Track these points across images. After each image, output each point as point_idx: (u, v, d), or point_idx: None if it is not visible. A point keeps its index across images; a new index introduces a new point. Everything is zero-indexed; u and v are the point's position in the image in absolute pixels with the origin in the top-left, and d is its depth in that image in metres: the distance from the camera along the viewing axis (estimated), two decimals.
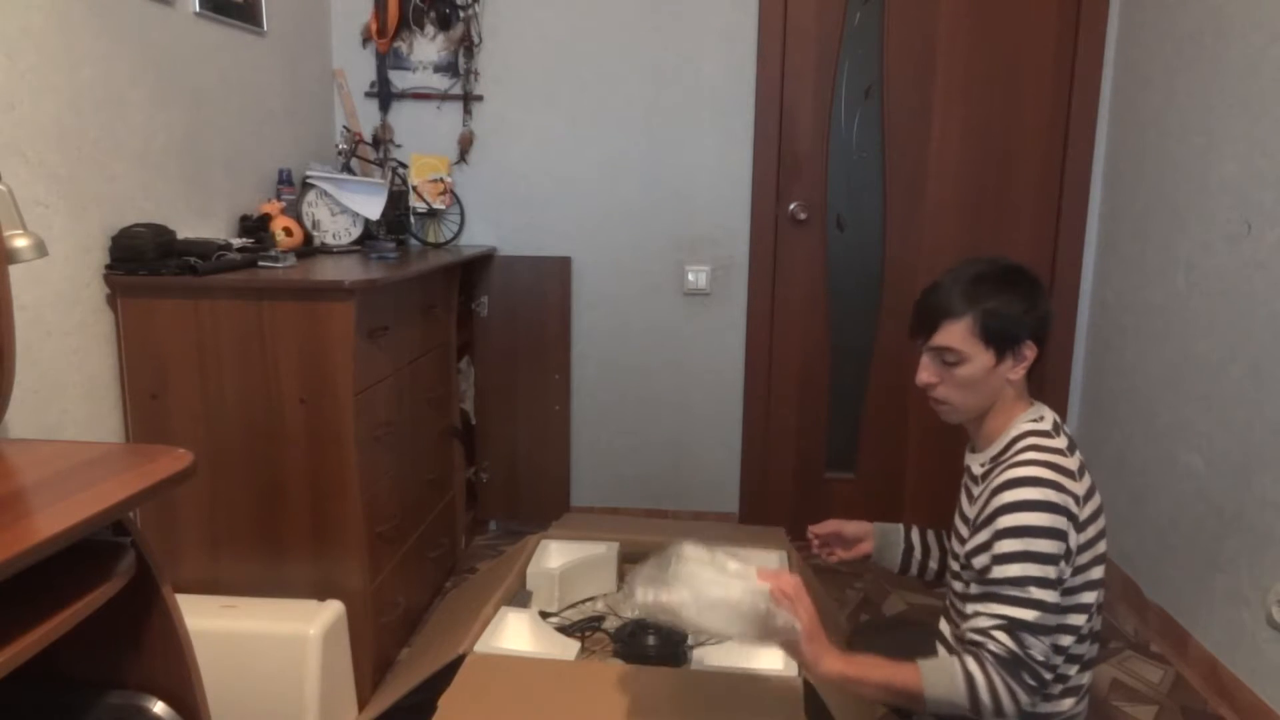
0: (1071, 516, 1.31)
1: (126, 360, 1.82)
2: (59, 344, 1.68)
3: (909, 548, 1.70)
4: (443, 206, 2.82)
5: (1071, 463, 1.36)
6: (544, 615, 2.01)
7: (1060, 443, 1.39)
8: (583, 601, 2.17)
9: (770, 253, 2.84)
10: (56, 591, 1.04)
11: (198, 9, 2.07)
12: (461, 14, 2.78)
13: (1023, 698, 1.25)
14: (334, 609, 1.83)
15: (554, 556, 2.22)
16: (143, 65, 1.89)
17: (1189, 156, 2.24)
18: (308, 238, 2.42)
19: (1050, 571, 1.28)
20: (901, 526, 1.73)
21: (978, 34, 2.70)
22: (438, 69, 2.83)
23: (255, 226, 2.22)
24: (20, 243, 1.32)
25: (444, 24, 2.80)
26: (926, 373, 1.46)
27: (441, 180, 2.81)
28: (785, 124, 2.78)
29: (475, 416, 2.94)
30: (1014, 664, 1.25)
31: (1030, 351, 1.41)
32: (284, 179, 2.45)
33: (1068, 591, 1.33)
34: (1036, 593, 1.27)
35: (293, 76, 2.57)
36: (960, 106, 2.74)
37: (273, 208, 2.33)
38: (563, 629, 1.96)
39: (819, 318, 2.88)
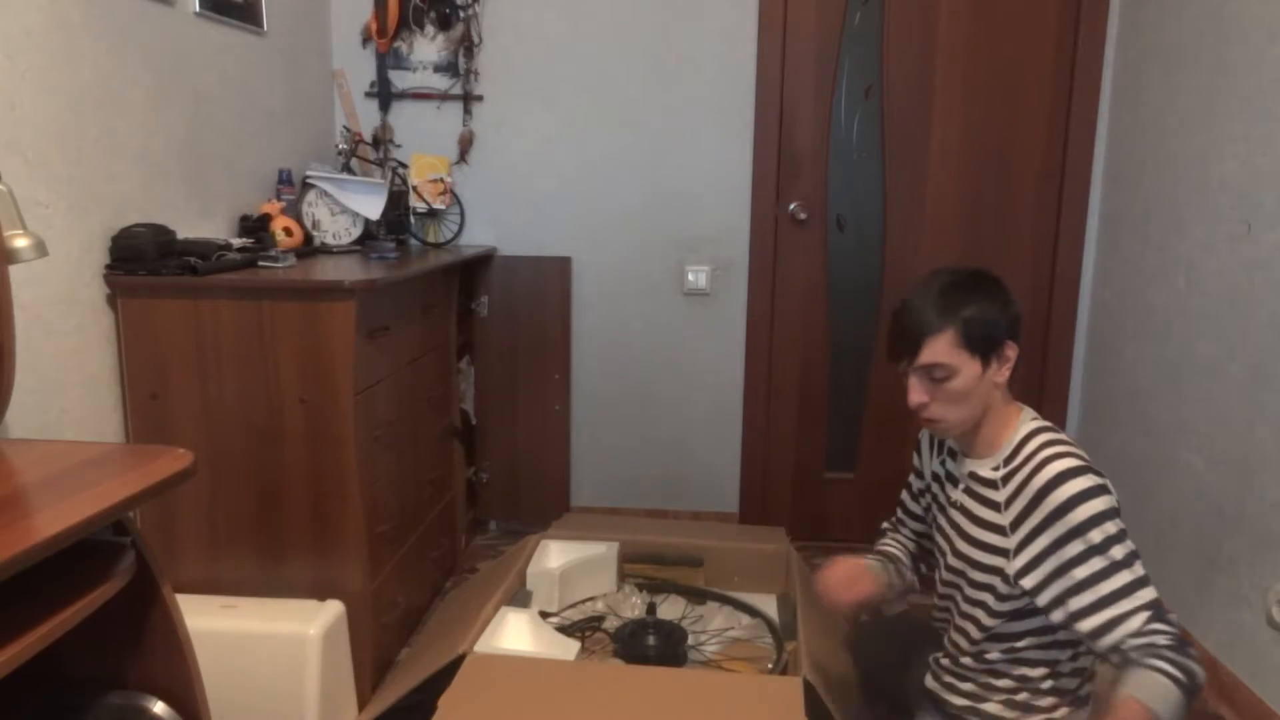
0: (1110, 487, 1.34)
1: (126, 360, 1.82)
2: (59, 344, 1.68)
3: (891, 586, 1.69)
4: (443, 206, 2.82)
5: (1081, 450, 1.39)
6: (544, 615, 2.01)
7: (1067, 440, 1.41)
8: (583, 601, 2.17)
9: (770, 253, 2.84)
10: (56, 591, 1.04)
11: (198, 9, 2.07)
12: (461, 14, 2.78)
13: (1200, 671, 1.24)
14: (334, 609, 1.83)
15: (554, 556, 2.22)
16: (143, 65, 1.89)
17: (1189, 156, 2.24)
18: (308, 238, 2.42)
19: (1133, 545, 1.30)
20: (887, 572, 1.68)
21: (978, 34, 2.70)
22: (438, 69, 2.83)
23: (255, 226, 2.22)
24: (20, 243, 1.33)
25: (444, 24, 2.80)
26: (916, 393, 1.44)
27: (441, 180, 2.81)
28: (785, 124, 2.78)
29: (475, 416, 2.94)
30: (1180, 645, 1.25)
31: (1012, 351, 1.42)
32: (284, 179, 2.45)
33: None
34: (1140, 568, 1.29)
35: (293, 76, 2.57)
36: (960, 106, 2.74)
37: (273, 208, 2.33)
38: (563, 629, 1.97)
39: (819, 318, 2.88)
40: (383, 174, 2.82)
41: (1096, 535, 1.29)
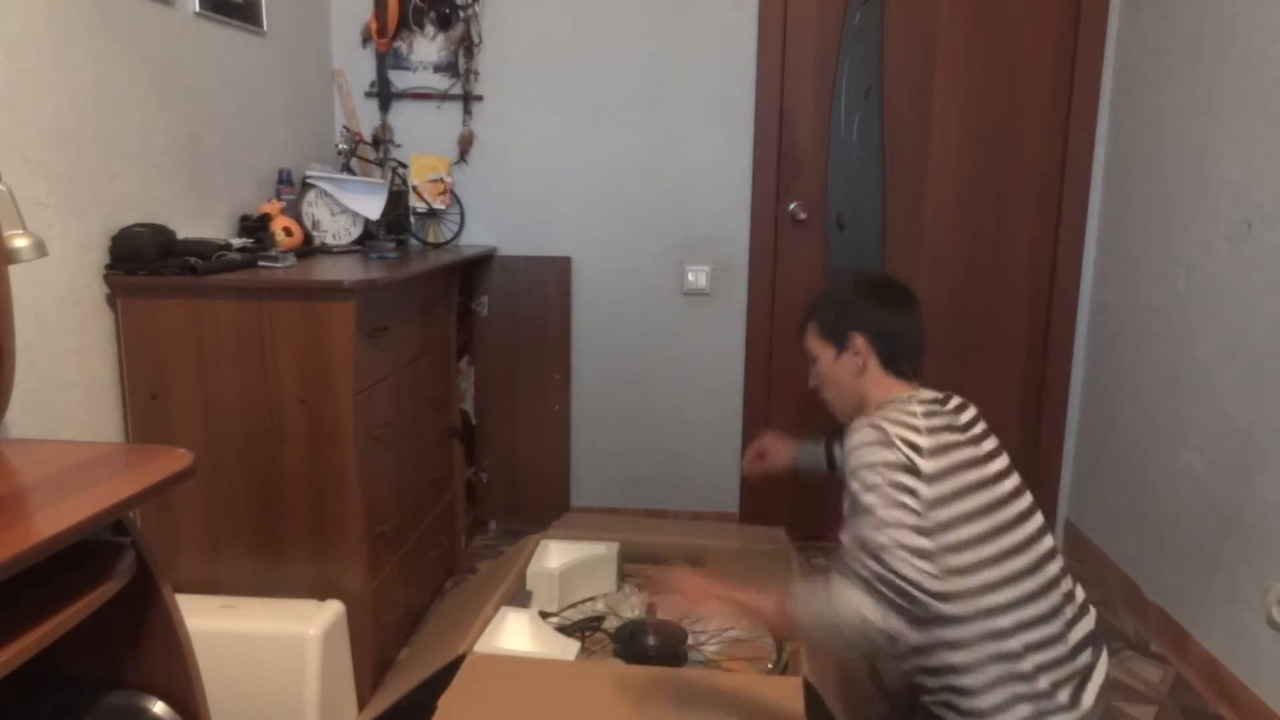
0: (900, 448, 1.35)
1: (126, 360, 1.82)
2: (59, 344, 1.68)
3: (833, 468, 1.91)
4: (443, 206, 2.82)
5: (915, 421, 1.40)
6: (544, 615, 2.01)
7: (905, 411, 1.41)
8: (583, 601, 2.17)
9: (770, 253, 2.84)
10: (56, 591, 1.04)
11: (198, 9, 2.07)
12: (461, 14, 2.78)
13: (849, 614, 1.26)
14: (334, 609, 1.83)
15: (554, 556, 2.22)
16: (143, 65, 1.89)
17: (1189, 156, 2.24)
18: (308, 238, 2.42)
19: (892, 493, 1.32)
20: (826, 452, 1.94)
21: (978, 34, 2.70)
22: (438, 69, 2.82)
23: (255, 226, 2.22)
24: (20, 243, 1.32)
25: (444, 24, 2.80)
26: (810, 376, 1.63)
27: (441, 180, 2.81)
28: (785, 124, 2.78)
29: (475, 416, 2.94)
30: (872, 581, 1.28)
31: (860, 343, 1.52)
32: (284, 179, 2.45)
33: (949, 550, 1.32)
34: (888, 513, 1.31)
35: (293, 76, 2.57)
36: (960, 106, 2.74)
37: (273, 208, 2.33)
38: (563, 629, 1.97)
39: None
40: (383, 174, 2.82)
41: (855, 482, 1.36)
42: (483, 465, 2.97)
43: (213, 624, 1.75)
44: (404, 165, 2.82)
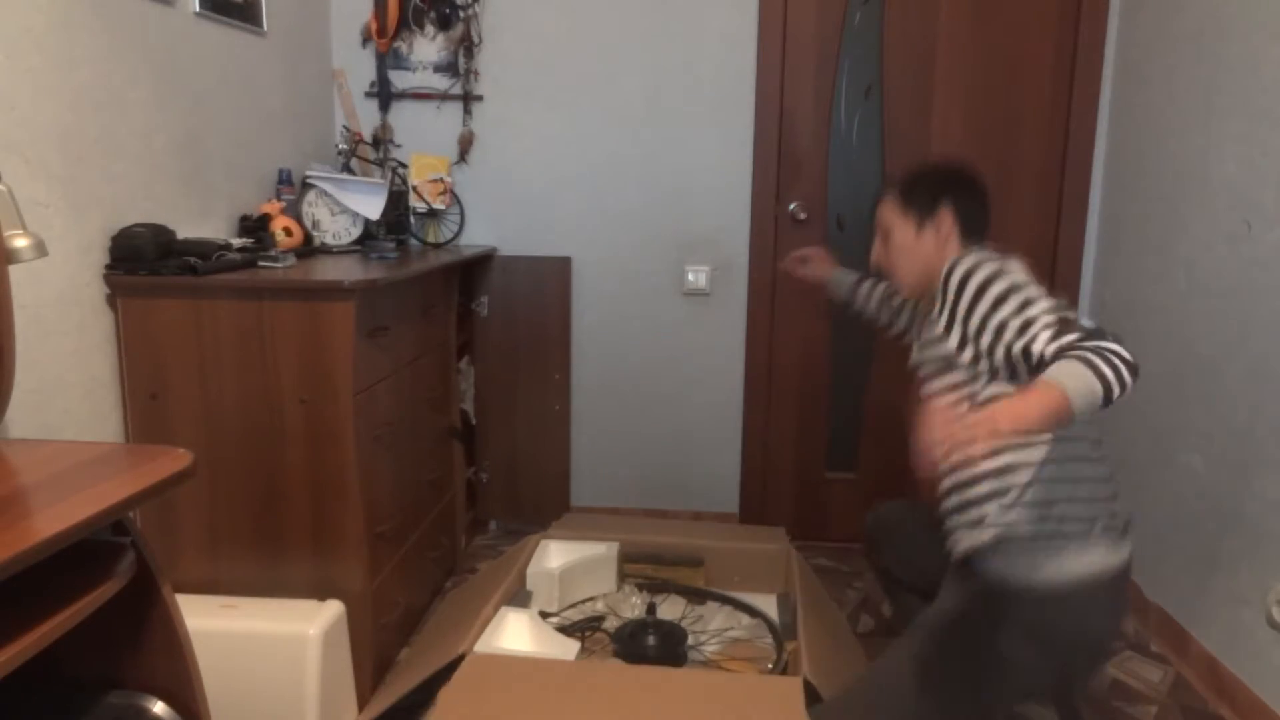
0: (1006, 259, 1.46)
1: (126, 360, 1.82)
2: (59, 344, 1.68)
3: (851, 301, 2.02)
4: (443, 206, 2.82)
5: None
6: (544, 615, 2.02)
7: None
8: (583, 601, 2.18)
9: (770, 253, 2.84)
10: (56, 591, 1.04)
11: (198, 9, 2.07)
12: (461, 14, 2.78)
13: (1123, 354, 1.26)
14: (334, 609, 1.83)
15: (554, 556, 2.22)
16: (143, 65, 1.89)
17: (1189, 156, 2.24)
18: (308, 238, 2.42)
19: (1032, 292, 1.42)
20: (854, 284, 2.02)
21: (978, 34, 2.70)
22: (438, 69, 2.83)
23: (255, 226, 2.23)
24: (20, 243, 1.32)
25: (444, 24, 2.80)
26: (874, 251, 1.68)
27: (441, 180, 2.81)
28: (785, 124, 2.78)
29: (475, 416, 2.94)
30: (1095, 335, 1.29)
31: (946, 216, 1.57)
32: (284, 179, 2.45)
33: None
34: (1036, 309, 1.38)
35: (293, 76, 2.57)
36: (960, 106, 2.74)
37: (273, 208, 2.33)
38: (563, 629, 1.97)
39: (819, 318, 2.88)
40: (383, 174, 2.82)
41: (995, 287, 1.43)
42: (483, 465, 2.97)
43: (213, 624, 1.75)
44: (404, 165, 2.82)
